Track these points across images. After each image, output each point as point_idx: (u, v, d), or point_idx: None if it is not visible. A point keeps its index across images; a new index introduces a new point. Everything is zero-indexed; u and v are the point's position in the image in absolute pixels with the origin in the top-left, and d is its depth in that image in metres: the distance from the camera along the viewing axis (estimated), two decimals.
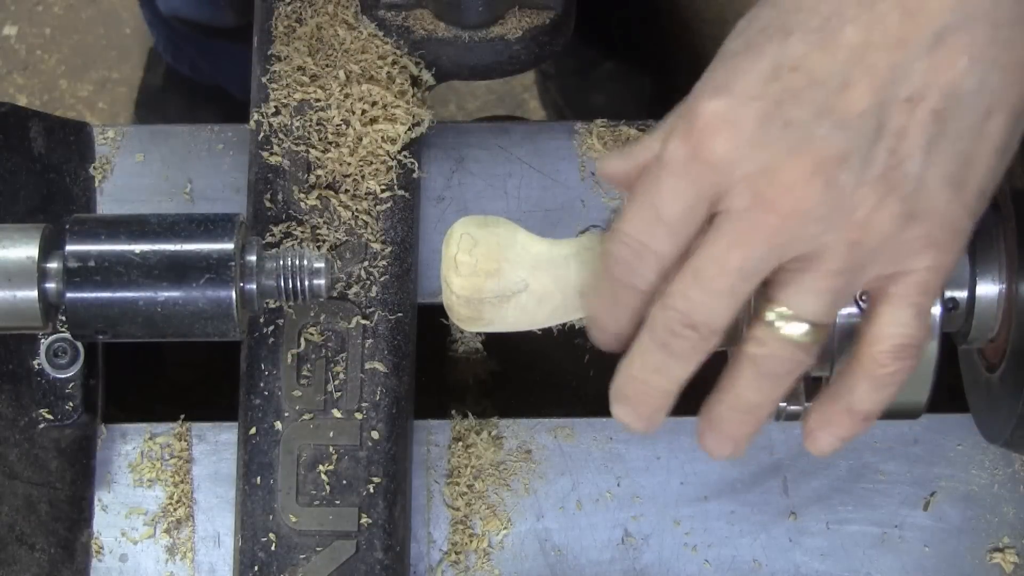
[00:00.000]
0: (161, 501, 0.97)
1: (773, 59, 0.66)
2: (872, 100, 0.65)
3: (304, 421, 0.91)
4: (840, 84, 0.65)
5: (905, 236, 0.66)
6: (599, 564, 0.96)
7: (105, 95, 2.01)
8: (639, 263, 0.69)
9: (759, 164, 0.65)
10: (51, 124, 0.98)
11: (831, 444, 0.73)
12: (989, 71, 0.65)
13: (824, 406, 0.72)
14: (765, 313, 0.69)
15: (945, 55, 0.65)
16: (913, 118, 0.65)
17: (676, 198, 0.67)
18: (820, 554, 0.96)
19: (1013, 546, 0.96)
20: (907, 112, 0.65)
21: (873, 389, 0.70)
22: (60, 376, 0.94)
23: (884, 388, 0.70)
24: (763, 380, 0.70)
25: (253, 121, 0.95)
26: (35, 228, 0.81)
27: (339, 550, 0.90)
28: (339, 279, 0.92)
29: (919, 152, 0.65)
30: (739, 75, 0.67)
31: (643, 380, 0.72)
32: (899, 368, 0.69)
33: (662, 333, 0.70)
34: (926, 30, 0.65)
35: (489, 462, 0.97)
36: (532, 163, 1.00)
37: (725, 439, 0.73)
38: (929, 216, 0.66)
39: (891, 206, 0.66)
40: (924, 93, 0.65)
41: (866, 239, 0.66)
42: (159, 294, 0.79)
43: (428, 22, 0.96)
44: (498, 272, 0.75)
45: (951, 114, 0.65)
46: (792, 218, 0.65)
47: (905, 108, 0.65)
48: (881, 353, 0.69)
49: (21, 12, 2.04)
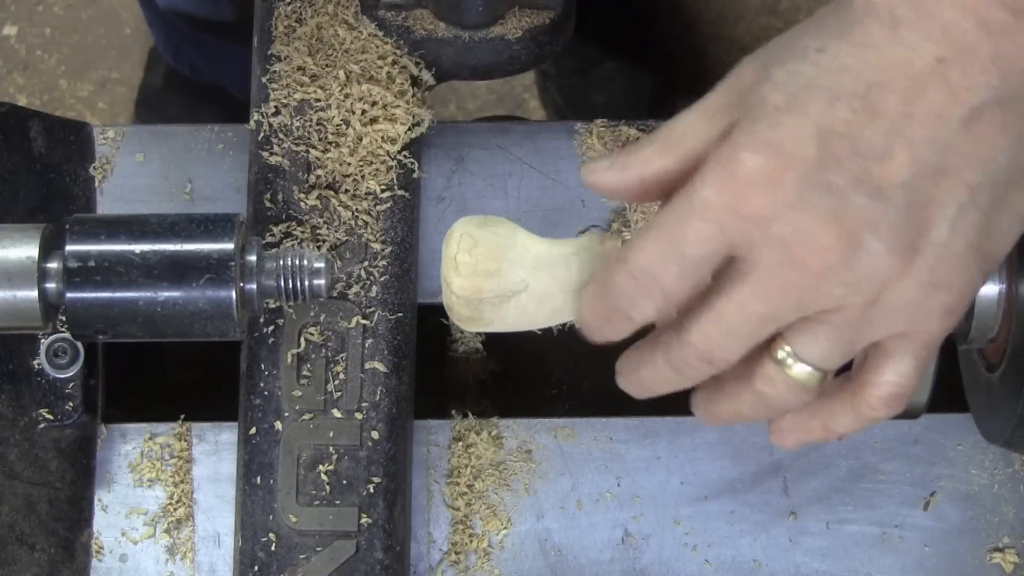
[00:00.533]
0: (161, 501, 0.97)
1: (818, 121, 0.66)
2: (910, 171, 0.66)
3: (304, 421, 0.91)
4: (881, 154, 0.65)
5: (927, 304, 0.67)
6: (599, 564, 0.96)
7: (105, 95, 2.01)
8: (642, 298, 0.70)
9: (795, 226, 0.66)
10: (51, 124, 0.98)
11: (794, 446, 0.74)
12: (1018, 146, 0.66)
13: (802, 414, 0.73)
14: (775, 351, 0.70)
15: (982, 131, 0.66)
16: (945, 189, 0.66)
17: (702, 242, 0.67)
18: (820, 554, 0.96)
19: (1013, 546, 0.96)
20: (940, 184, 0.66)
21: (855, 422, 0.72)
22: (60, 376, 0.94)
23: (863, 423, 0.72)
24: (764, 409, 0.72)
25: (253, 121, 0.95)
26: (35, 228, 0.81)
27: (339, 550, 0.90)
28: (339, 279, 0.92)
29: (946, 223, 0.66)
30: (783, 133, 0.66)
31: (651, 386, 0.74)
32: (886, 413, 0.71)
33: (677, 361, 0.71)
34: (964, 105, 0.65)
35: (489, 462, 0.97)
36: (532, 163, 1.00)
37: (715, 421, 0.75)
38: (951, 286, 0.67)
39: (915, 274, 0.67)
40: (959, 167, 0.66)
41: (886, 300, 0.67)
42: (159, 294, 0.79)
43: (428, 22, 0.96)
44: (498, 272, 0.75)
45: (982, 188, 0.66)
46: (821, 278, 0.66)
47: (940, 180, 0.66)
48: (874, 398, 0.71)
49: (21, 12, 2.04)
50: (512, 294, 0.76)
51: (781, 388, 0.70)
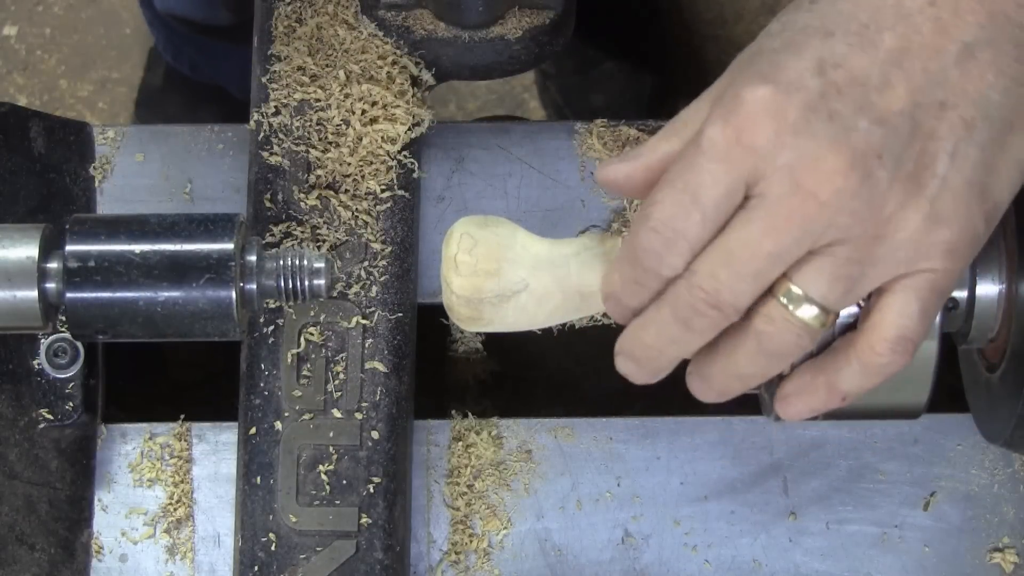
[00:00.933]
0: (161, 501, 0.97)
1: (816, 55, 0.69)
2: (909, 101, 0.68)
3: (304, 421, 0.91)
4: (880, 84, 0.68)
5: (929, 239, 0.68)
6: (599, 564, 0.96)
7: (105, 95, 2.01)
8: (669, 252, 0.70)
9: (801, 152, 0.67)
10: (51, 124, 0.98)
11: (802, 413, 0.74)
12: (1012, 87, 0.68)
13: (805, 374, 0.73)
14: (778, 291, 0.69)
15: (975, 67, 0.68)
16: (943, 122, 0.68)
17: (716, 182, 0.69)
18: (820, 554, 0.96)
19: (1013, 546, 0.96)
20: (939, 116, 0.68)
21: (860, 374, 0.71)
22: (60, 376, 0.94)
23: (871, 376, 0.71)
24: (762, 356, 0.71)
25: (253, 121, 0.95)
26: (35, 228, 0.81)
27: (339, 550, 0.90)
28: (339, 279, 0.92)
29: (946, 156, 0.68)
30: (783, 67, 0.69)
31: (657, 348, 0.73)
32: (892, 360, 0.70)
33: (684, 310, 0.70)
34: (957, 41, 0.68)
35: (489, 462, 0.97)
36: (532, 163, 1.00)
37: (711, 392, 0.74)
38: (952, 222, 0.68)
39: (918, 206, 0.68)
40: (956, 101, 0.68)
41: (890, 235, 0.68)
42: (159, 294, 0.79)
43: (428, 22, 0.96)
44: (498, 272, 0.75)
45: (977, 123, 0.68)
46: (828, 206, 0.67)
47: (938, 112, 0.68)
48: (880, 341, 0.70)
49: (21, 12, 2.04)
50: (512, 294, 0.76)
51: (780, 326, 0.69)
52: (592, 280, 0.75)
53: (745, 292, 0.69)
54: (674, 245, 0.70)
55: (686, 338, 0.72)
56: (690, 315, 0.70)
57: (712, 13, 1.23)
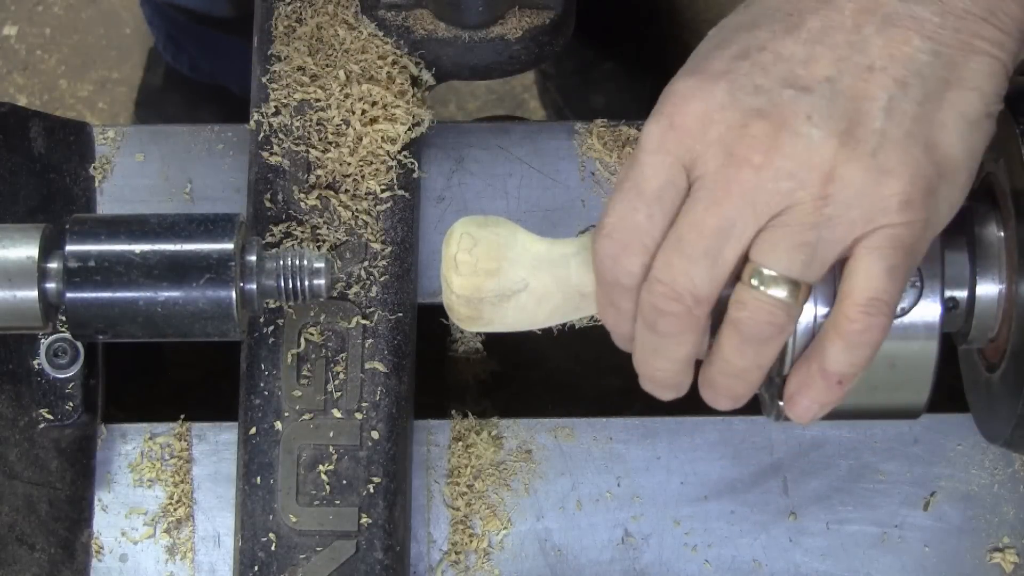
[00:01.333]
0: (161, 501, 0.97)
1: (741, 44, 0.71)
2: (834, 69, 0.69)
3: (304, 421, 0.91)
4: (804, 59, 0.70)
5: (879, 192, 0.68)
6: (599, 564, 0.96)
7: (105, 95, 2.01)
8: (625, 255, 0.71)
9: (729, 123, 0.69)
10: (51, 124, 0.98)
11: (809, 409, 0.74)
12: (941, 50, 0.70)
13: (800, 368, 0.73)
14: (745, 274, 0.70)
15: (898, 33, 0.70)
16: (873, 82, 0.69)
17: (655, 173, 0.70)
18: (820, 554, 0.96)
19: (1013, 546, 0.96)
20: (867, 78, 0.69)
21: (845, 349, 0.71)
22: (60, 376, 0.94)
23: (856, 348, 0.71)
24: (746, 345, 0.71)
25: (253, 121, 0.95)
26: (35, 228, 0.81)
27: (339, 550, 0.90)
28: (339, 279, 0.92)
29: (880, 110, 0.69)
30: (710, 60, 0.71)
31: (649, 364, 0.73)
32: (869, 325, 0.70)
33: (649, 312, 0.71)
34: (877, 15, 0.70)
35: (489, 462, 0.97)
36: (532, 163, 1.01)
37: (720, 398, 0.75)
38: (901, 172, 0.69)
39: (860, 159, 0.68)
40: (884, 64, 0.69)
41: (837, 193, 0.68)
42: (159, 294, 0.79)
43: (428, 22, 0.96)
44: (498, 272, 0.75)
45: (910, 81, 0.69)
46: (763, 171, 0.68)
47: (866, 75, 0.69)
48: (850, 307, 0.70)
49: (21, 12, 2.04)
50: (512, 294, 0.76)
51: (753, 308, 0.70)
52: (592, 280, 0.75)
53: (701, 276, 0.69)
54: (628, 247, 0.71)
55: (661, 344, 0.72)
56: (655, 316, 0.71)
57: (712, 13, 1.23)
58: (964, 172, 0.71)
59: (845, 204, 0.68)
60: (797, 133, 0.68)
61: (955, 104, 0.70)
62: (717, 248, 0.69)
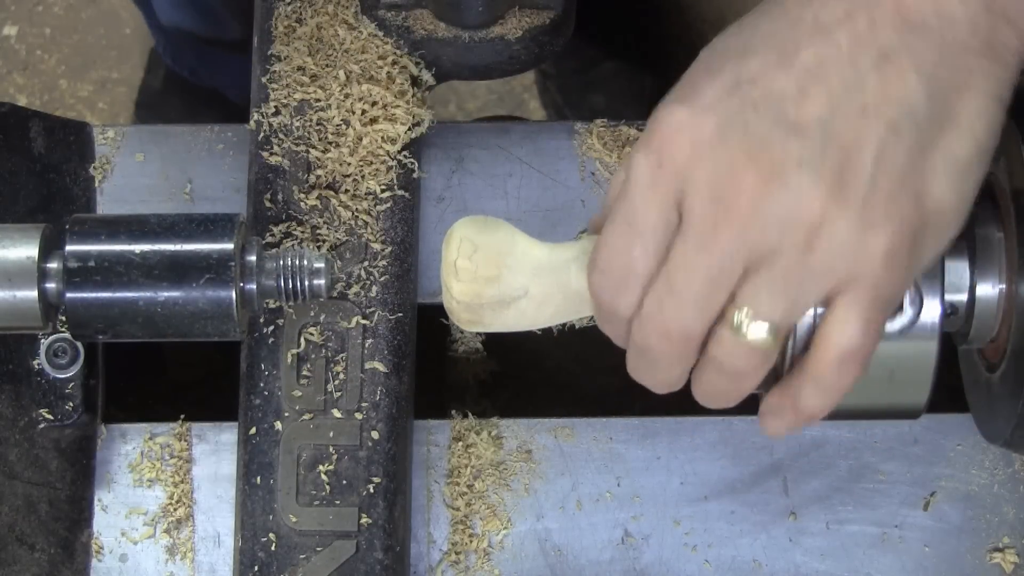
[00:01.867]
0: (161, 501, 0.97)
1: (732, 74, 0.69)
2: (827, 109, 0.68)
3: (304, 421, 0.91)
4: (796, 95, 0.68)
5: (865, 246, 0.68)
6: (599, 564, 0.96)
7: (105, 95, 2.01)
8: (620, 292, 0.71)
9: (717, 165, 0.68)
10: (51, 124, 0.98)
11: (779, 430, 0.74)
12: (936, 90, 0.68)
13: (775, 397, 0.74)
14: (728, 313, 0.70)
15: (893, 71, 0.68)
16: (866, 127, 0.67)
17: (647, 210, 0.69)
18: (820, 554, 0.96)
19: (1013, 546, 0.96)
20: (860, 121, 0.68)
21: (816, 393, 0.71)
22: (60, 376, 0.94)
23: (827, 393, 0.71)
24: (724, 377, 0.72)
25: (253, 121, 0.95)
26: (35, 228, 0.81)
27: (339, 550, 0.90)
28: (339, 279, 0.92)
29: (871, 159, 0.67)
30: (699, 89, 0.70)
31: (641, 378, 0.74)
32: (841, 376, 0.70)
33: (639, 342, 0.72)
34: (873, 48, 0.68)
35: (489, 462, 0.97)
36: (532, 163, 1.00)
37: (711, 404, 0.75)
38: (885, 226, 0.68)
39: (847, 211, 0.67)
40: (877, 104, 0.68)
41: (822, 244, 0.67)
42: (159, 294, 0.79)
43: (428, 22, 0.96)
44: (498, 279, 0.75)
45: (903, 125, 0.68)
46: (752, 216, 0.67)
47: (859, 117, 0.68)
48: (824, 360, 0.70)
49: (21, 12, 2.04)
50: (512, 300, 0.76)
51: (729, 349, 0.70)
52: None
53: (691, 318, 0.70)
54: (624, 284, 0.71)
55: (652, 368, 0.73)
56: (644, 349, 0.71)
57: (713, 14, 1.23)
58: (953, 219, 0.70)
59: (830, 255, 0.68)
60: (787, 183, 0.67)
61: (948, 147, 0.69)
62: (706, 294, 0.69)
